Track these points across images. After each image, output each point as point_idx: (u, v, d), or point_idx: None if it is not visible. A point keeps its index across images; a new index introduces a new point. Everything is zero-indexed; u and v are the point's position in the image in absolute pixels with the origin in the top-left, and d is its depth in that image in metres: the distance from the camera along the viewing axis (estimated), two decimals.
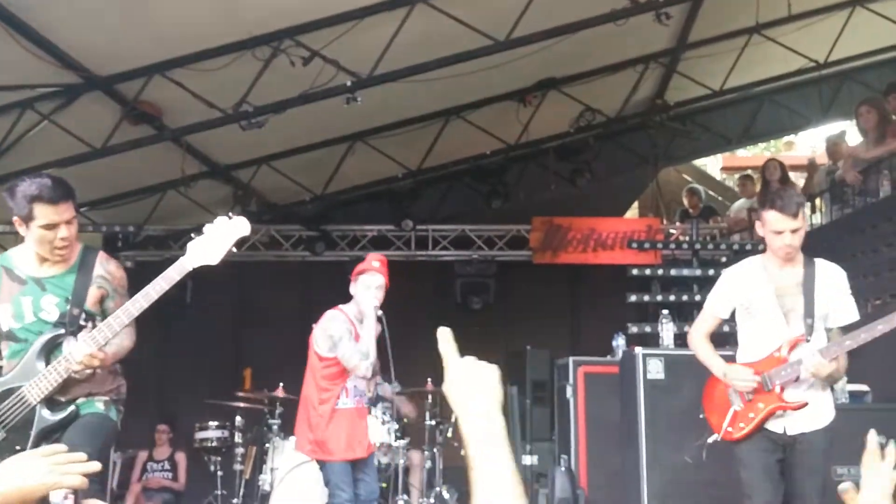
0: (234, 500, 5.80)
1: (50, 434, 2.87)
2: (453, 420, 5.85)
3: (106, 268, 3.08)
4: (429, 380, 5.79)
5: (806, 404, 3.15)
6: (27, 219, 2.89)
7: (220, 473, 6.31)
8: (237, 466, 6.02)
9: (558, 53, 6.11)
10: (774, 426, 3.17)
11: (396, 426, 5.67)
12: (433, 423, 5.75)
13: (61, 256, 2.96)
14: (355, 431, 4.16)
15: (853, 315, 3.24)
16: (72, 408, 2.91)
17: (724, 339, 3.85)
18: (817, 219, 6.66)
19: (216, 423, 6.43)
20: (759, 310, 3.27)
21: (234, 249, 2.98)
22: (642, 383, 4.18)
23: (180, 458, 7.10)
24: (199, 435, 6.46)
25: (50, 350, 2.91)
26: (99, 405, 3.01)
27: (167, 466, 7.08)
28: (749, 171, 9.22)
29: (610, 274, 7.72)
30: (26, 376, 2.86)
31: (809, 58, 7.29)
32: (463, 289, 8.18)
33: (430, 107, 7.12)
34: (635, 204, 10.67)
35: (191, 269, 2.86)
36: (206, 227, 2.91)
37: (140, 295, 2.83)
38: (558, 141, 7.98)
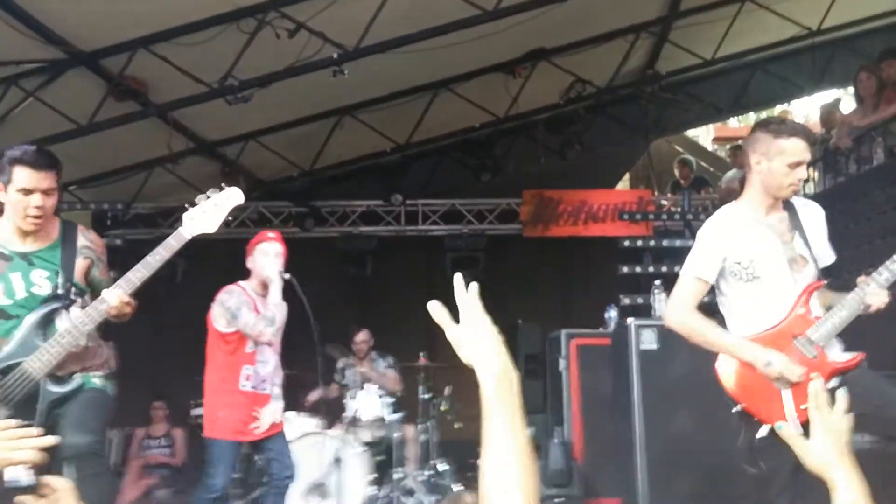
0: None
1: (55, 407, 2.86)
2: (447, 394, 5.86)
3: (88, 237, 3.11)
4: (421, 354, 5.78)
5: (863, 356, 2.71)
6: (6, 182, 2.87)
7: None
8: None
9: (548, 23, 6.03)
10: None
11: (391, 401, 5.67)
12: (427, 396, 5.75)
13: (34, 225, 2.91)
14: (248, 415, 3.97)
15: (833, 255, 2.89)
16: (77, 379, 2.92)
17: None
18: (810, 188, 6.65)
19: None
20: (766, 265, 2.75)
21: (225, 226, 3.02)
22: (636, 354, 4.18)
23: (178, 433, 7.11)
24: (195, 411, 6.43)
25: (46, 324, 2.88)
26: (96, 381, 3.03)
27: (164, 443, 7.09)
28: (741, 142, 9.18)
29: (601, 246, 7.71)
30: (26, 351, 2.82)
31: (802, 25, 7.23)
32: (453, 263, 8.15)
33: (419, 79, 7.04)
34: (626, 176, 10.64)
35: (189, 237, 2.96)
36: (199, 198, 3.01)
37: (140, 264, 2.87)
38: (548, 113, 7.92)
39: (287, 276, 4.03)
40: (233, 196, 3.06)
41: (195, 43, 5.40)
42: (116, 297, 2.81)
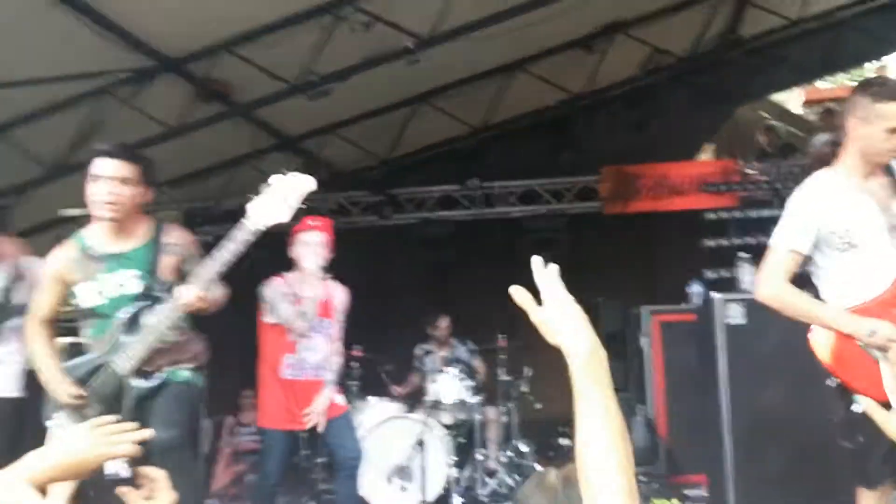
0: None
1: (144, 402, 2.98)
2: (527, 375, 5.88)
3: (174, 234, 3.18)
4: (500, 336, 5.82)
5: None
6: (90, 176, 3.00)
7: (304, 435, 6.51)
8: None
9: None
10: None
11: (471, 383, 5.74)
12: (508, 378, 5.79)
13: (110, 211, 2.96)
14: (294, 403, 4.00)
15: None
16: (163, 374, 3.02)
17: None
18: None
19: None
20: (864, 233, 2.62)
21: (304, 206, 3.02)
22: (722, 329, 4.08)
23: None
24: None
25: (134, 323, 3.00)
26: (185, 373, 3.11)
27: (254, 430, 7.35)
28: (831, 105, 8.75)
29: (684, 220, 7.52)
30: (115, 350, 2.97)
31: None
32: (533, 244, 8.11)
33: (492, 62, 7.02)
34: (710, 147, 10.30)
35: (255, 228, 2.87)
36: (262, 187, 2.93)
37: (214, 258, 2.89)
38: (626, 87, 7.76)
39: (324, 274, 4.02)
40: (301, 182, 2.94)
41: (275, 42, 5.56)
42: (188, 293, 2.88)
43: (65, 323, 4.19)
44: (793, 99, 13.09)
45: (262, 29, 5.55)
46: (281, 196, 2.91)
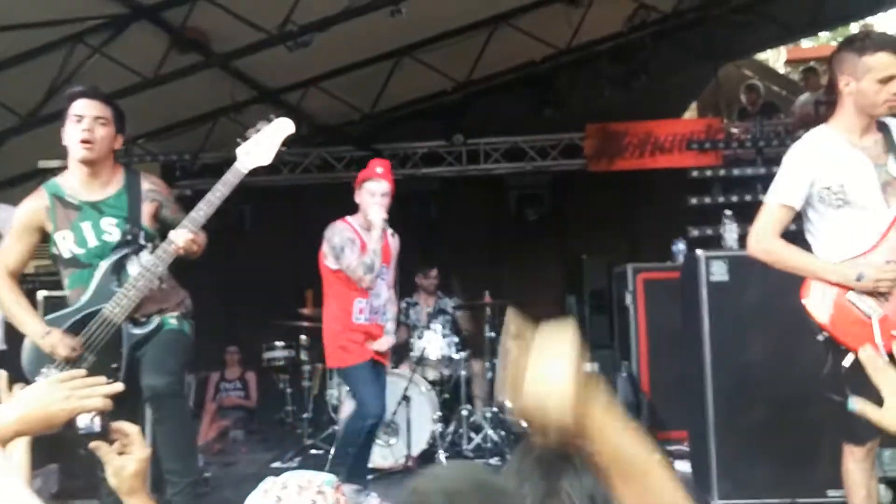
0: (305, 415, 6.03)
1: (138, 349, 2.97)
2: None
3: (150, 180, 3.19)
4: (486, 292, 5.82)
5: None
6: (66, 119, 3.00)
7: (289, 391, 6.55)
8: (305, 383, 6.24)
9: None
10: None
11: (456, 339, 5.75)
12: (493, 334, 5.81)
13: (87, 150, 2.97)
14: (361, 344, 4.10)
15: None
16: (157, 320, 3.01)
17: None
18: None
19: (282, 343, 6.64)
20: (859, 189, 2.64)
21: (289, 172, 3.07)
22: (705, 286, 4.10)
23: (251, 377, 7.40)
24: (267, 355, 6.70)
25: (119, 270, 2.98)
26: (173, 321, 3.08)
27: (239, 385, 7.39)
28: (813, 63, 8.73)
29: (668, 178, 7.52)
30: (103, 298, 2.93)
31: None
32: (518, 201, 8.11)
33: (476, 15, 6.89)
34: (694, 105, 10.28)
35: (245, 171, 3.04)
36: (250, 132, 3.09)
37: (202, 202, 2.96)
38: (611, 43, 7.65)
39: (386, 226, 4.03)
40: (283, 126, 3.11)
41: None
42: (182, 236, 2.90)
43: (42, 277, 4.15)
44: (776, 57, 13.05)
45: None
46: (266, 140, 3.07)
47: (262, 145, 3.07)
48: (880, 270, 2.57)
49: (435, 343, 5.63)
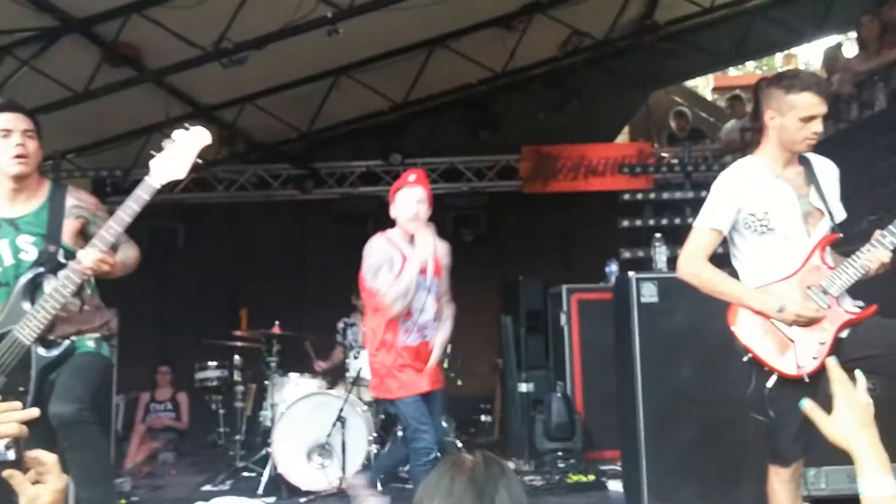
0: (238, 437, 5.92)
1: (49, 372, 2.87)
2: (448, 351, 5.92)
3: (77, 196, 3.06)
4: None
5: (876, 307, 2.72)
6: None
7: (221, 411, 6.43)
8: (238, 404, 6.12)
9: None
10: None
11: None
12: None
13: (21, 165, 2.89)
14: (416, 369, 3.66)
15: (843, 212, 2.89)
16: (67, 342, 2.89)
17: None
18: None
19: (215, 363, 6.52)
20: (782, 217, 2.74)
21: (224, 189, 3.00)
22: (636, 307, 4.21)
23: (182, 398, 7.23)
24: (199, 375, 6.56)
25: (33, 290, 2.87)
26: (90, 343, 2.98)
27: (170, 406, 7.21)
28: (738, 91, 9.10)
29: (601, 201, 7.71)
30: (15, 319, 2.83)
31: None
32: (454, 221, 8.16)
33: (414, 37, 6.95)
34: (626, 129, 10.57)
35: (158, 186, 2.80)
36: (165, 143, 2.85)
37: (112, 220, 2.81)
38: (546, 67, 7.83)
39: (431, 230, 3.63)
40: (199, 136, 2.85)
41: (188, 6, 5.33)
42: (90, 256, 2.77)
43: None
44: (704, 85, 13.55)
45: None
46: (181, 152, 2.83)
47: (175, 158, 2.82)
48: (801, 307, 2.67)
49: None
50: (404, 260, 3.58)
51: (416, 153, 8.27)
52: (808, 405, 1.62)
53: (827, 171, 2.89)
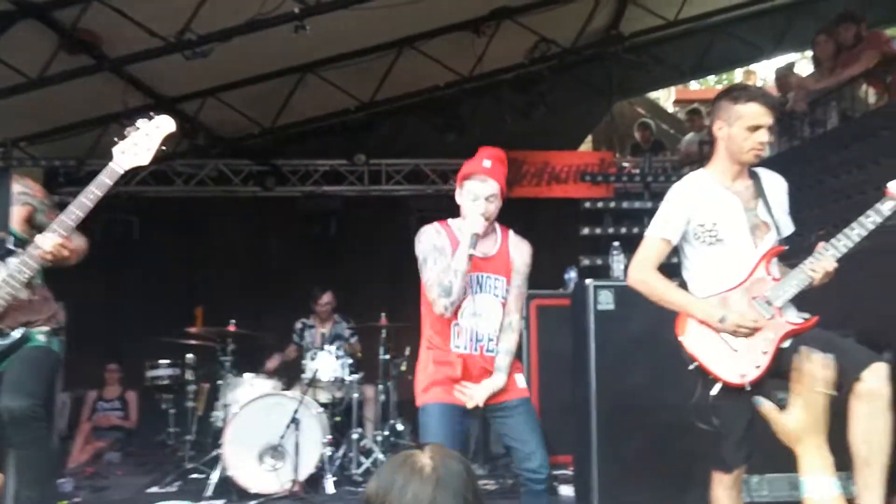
0: (188, 437, 5.81)
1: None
2: (407, 354, 5.90)
3: (23, 183, 3.06)
4: (382, 315, 5.80)
5: (817, 318, 2.77)
6: None
7: (172, 411, 6.30)
8: (189, 404, 6.01)
9: None
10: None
11: (350, 361, 5.70)
12: (387, 357, 5.79)
13: None
14: (463, 377, 3.08)
15: (792, 226, 2.94)
16: (16, 333, 2.88)
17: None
18: (766, 151, 6.73)
19: (167, 361, 6.39)
20: (729, 229, 2.81)
21: (183, 183, 2.94)
22: (593, 314, 4.24)
23: (131, 396, 7.08)
24: (150, 373, 6.42)
25: None
26: (40, 337, 2.94)
27: (118, 405, 7.06)
28: (697, 105, 9.26)
29: (563, 207, 7.76)
30: None
31: None
32: (418, 223, 8.11)
33: (383, 37, 6.93)
34: (589, 137, 10.68)
35: (121, 171, 2.83)
36: (128, 131, 2.87)
37: (73, 205, 2.79)
38: (513, 73, 7.87)
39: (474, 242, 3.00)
40: (163, 125, 2.88)
41: None
42: (50, 241, 2.75)
43: None
44: (666, 97, 13.75)
45: None
46: (145, 139, 2.86)
47: (139, 145, 2.84)
48: (742, 317, 2.72)
49: (328, 365, 5.55)
50: (456, 248, 3.08)
51: (382, 153, 8.24)
52: (765, 406, 1.65)
53: (775, 185, 2.95)
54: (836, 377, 2.64)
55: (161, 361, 6.39)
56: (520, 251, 3.29)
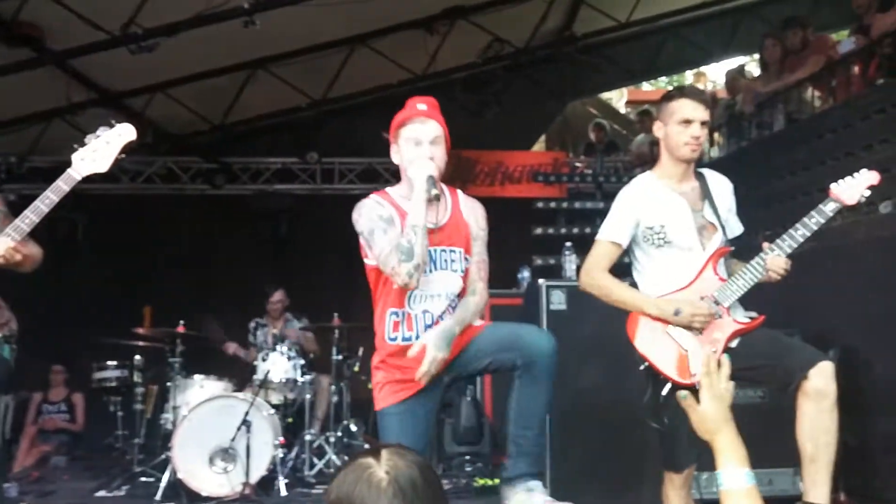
0: (136, 440, 5.67)
1: None
2: (360, 354, 5.86)
3: None
4: (335, 315, 5.75)
5: (763, 318, 2.83)
6: None
7: (120, 414, 6.14)
8: (137, 406, 5.87)
9: None
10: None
11: (302, 361, 5.63)
12: (340, 357, 5.74)
13: None
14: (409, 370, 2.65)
15: (740, 227, 2.99)
16: None
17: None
18: (716, 152, 6.89)
19: (115, 362, 6.22)
20: (677, 230, 2.85)
21: (130, 181, 2.87)
22: (545, 314, 4.26)
23: (77, 398, 6.90)
24: (97, 375, 6.24)
25: None
26: None
27: (64, 408, 6.87)
28: (648, 107, 9.41)
29: (517, 207, 7.80)
30: None
31: None
32: None
33: (335, 33, 6.88)
34: (543, 137, 10.75)
35: (79, 178, 2.82)
36: (88, 137, 2.86)
37: (29, 210, 2.76)
38: (466, 72, 7.88)
39: (432, 185, 2.60)
40: (124, 132, 2.87)
41: None
42: (3, 245, 2.70)
43: None
44: (618, 98, 13.93)
45: None
46: (105, 146, 2.86)
47: (98, 151, 2.84)
48: (695, 307, 2.76)
49: (280, 365, 5.48)
50: (404, 218, 2.63)
51: (334, 152, 8.17)
52: (683, 394, 1.72)
53: (721, 186, 3.00)
54: (785, 376, 2.75)
55: (108, 363, 6.22)
56: (474, 214, 2.87)
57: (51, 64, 5.93)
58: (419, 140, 2.69)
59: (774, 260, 2.78)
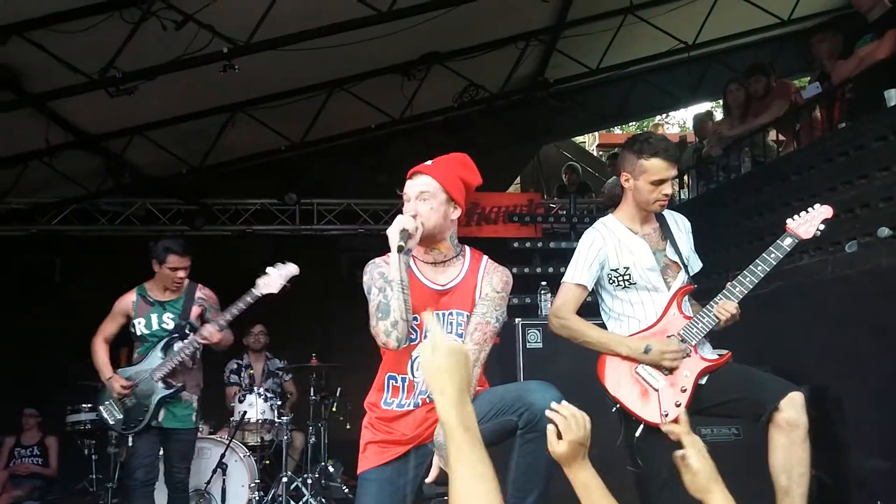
0: (110, 484, 5.58)
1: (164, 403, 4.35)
2: (338, 394, 5.85)
3: (203, 293, 4.62)
4: (313, 355, 5.76)
5: (730, 354, 2.88)
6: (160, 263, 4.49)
7: (94, 457, 6.06)
8: (112, 449, 5.79)
9: (442, 27, 6.12)
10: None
11: (279, 402, 5.62)
12: (318, 398, 5.73)
13: (177, 287, 4.53)
14: (409, 439, 2.58)
15: (699, 263, 3.07)
16: (178, 384, 4.36)
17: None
18: (685, 194, 7.05)
19: (89, 405, 6.15)
20: (641, 272, 2.91)
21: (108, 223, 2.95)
22: (521, 352, 4.32)
23: (51, 442, 6.78)
24: (71, 418, 6.16)
25: (167, 347, 4.42)
26: None
27: (37, 452, 6.75)
28: (618, 150, 9.63)
29: (493, 247, 7.84)
30: (152, 364, 4.39)
31: (679, 39, 7.63)
32: (349, 263, 8.15)
33: (314, 78, 6.98)
34: (518, 179, 10.93)
35: (260, 295, 4.20)
36: (269, 269, 4.23)
37: (232, 307, 4.25)
38: (443, 116, 8.03)
39: (401, 241, 2.49)
40: (291, 268, 4.28)
41: (75, 31, 5.16)
42: (207, 331, 4.29)
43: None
44: (590, 141, 14.21)
45: (62, 14, 5.13)
46: (278, 275, 4.22)
47: (273, 277, 4.23)
48: (664, 344, 2.83)
49: (257, 406, 5.46)
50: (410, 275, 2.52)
51: (313, 193, 8.24)
52: (681, 453, 1.74)
53: (679, 225, 3.08)
54: (756, 408, 2.80)
55: (83, 406, 6.15)
56: (491, 277, 2.66)
57: (30, 106, 5.96)
58: (408, 196, 2.67)
59: (724, 304, 2.84)
